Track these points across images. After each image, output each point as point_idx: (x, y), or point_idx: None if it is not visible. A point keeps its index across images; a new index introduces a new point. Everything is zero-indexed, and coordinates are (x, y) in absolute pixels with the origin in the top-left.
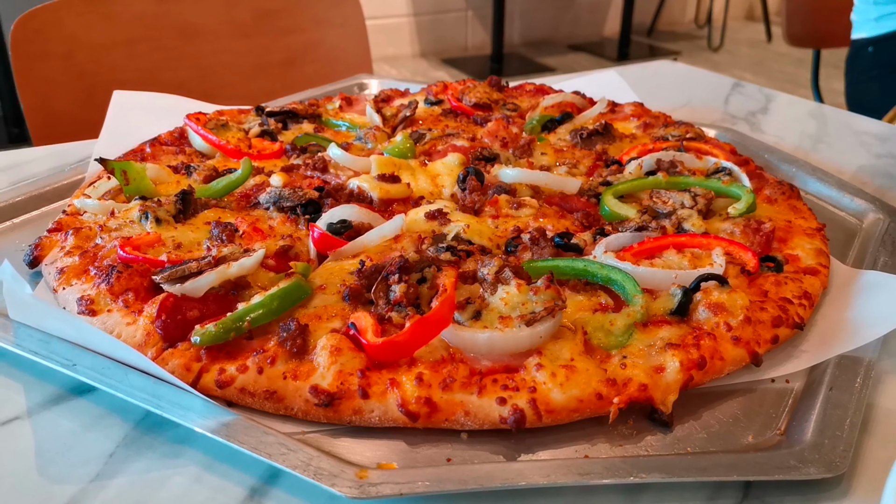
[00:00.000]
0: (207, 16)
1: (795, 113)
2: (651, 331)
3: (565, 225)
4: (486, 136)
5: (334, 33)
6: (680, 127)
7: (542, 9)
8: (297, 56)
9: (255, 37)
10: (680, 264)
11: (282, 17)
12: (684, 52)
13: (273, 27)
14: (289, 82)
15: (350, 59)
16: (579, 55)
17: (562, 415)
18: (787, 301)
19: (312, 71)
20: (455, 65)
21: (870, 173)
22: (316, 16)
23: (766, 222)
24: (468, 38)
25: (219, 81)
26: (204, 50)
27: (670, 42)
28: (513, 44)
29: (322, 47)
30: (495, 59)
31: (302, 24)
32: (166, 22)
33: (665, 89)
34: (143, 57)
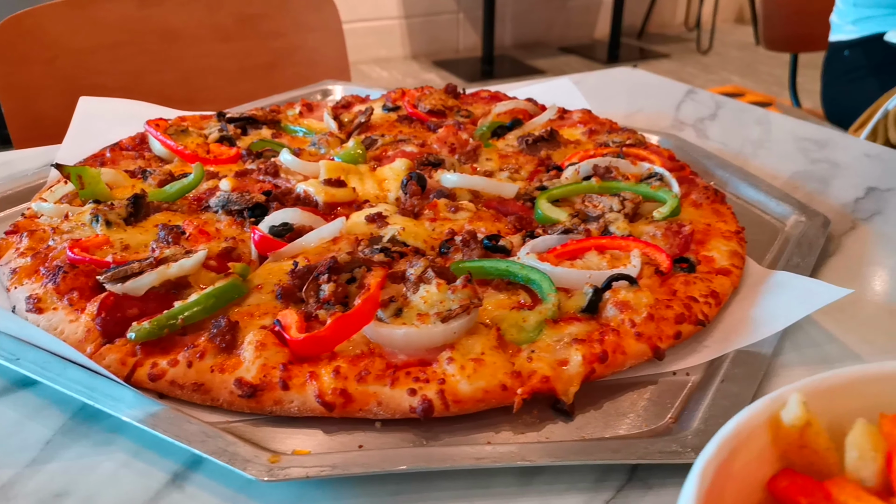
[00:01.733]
0: (190, 20)
1: (742, 119)
2: (561, 327)
3: (499, 228)
4: (436, 141)
5: (313, 37)
6: (623, 133)
7: (533, 11)
8: (278, 59)
9: (237, 41)
10: (599, 265)
11: (263, 22)
12: (674, 54)
13: (254, 31)
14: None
15: (328, 63)
16: (570, 57)
17: (468, 405)
18: (693, 300)
19: (292, 74)
20: (446, 67)
21: (803, 178)
22: (296, 20)
23: (687, 225)
24: (460, 41)
25: (201, 85)
26: (186, 54)
27: (660, 45)
28: (504, 46)
29: (302, 51)
30: (486, 60)
31: (282, 28)
32: (149, 26)
33: (622, 96)
34: (126, 61)
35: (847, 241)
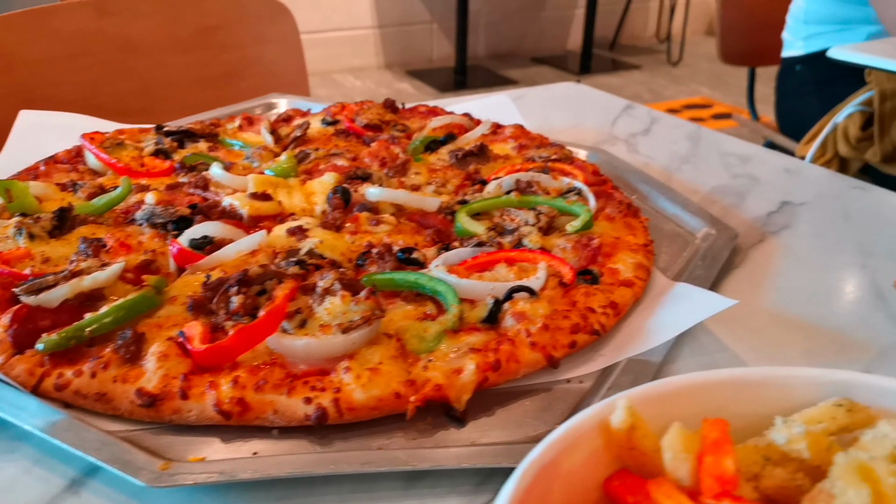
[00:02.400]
0: (147, 31)
1: (673, 135)
2: (461, 337)
3: (417, 240)
4: (368, 155)
5: (271, 49)
6: (550, 149)
7: (507, 22)
8: (236, 71)
9: (195, 52)
10: (507, 277)
11: (221, 33)
12: (645, 65)
13: (212, 42)
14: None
15: (287, 74)
16: (542, 68)
17: (362, 412)
18: (591, 310)
19: (250, 85)
20: (420, 76)
21: (722, 192)
22: (253, 32)
23: (595, 238)
24: (433, 50)
25: (159, 95)
26: (144, 64)
27: (632, 56)
28: (477, 56)
29: (260, 63)
30: (459, 71)
31: (240, 39)
32: (107, 37)
33: (563, 110)
34: (83, 72)
35: (754, 253)
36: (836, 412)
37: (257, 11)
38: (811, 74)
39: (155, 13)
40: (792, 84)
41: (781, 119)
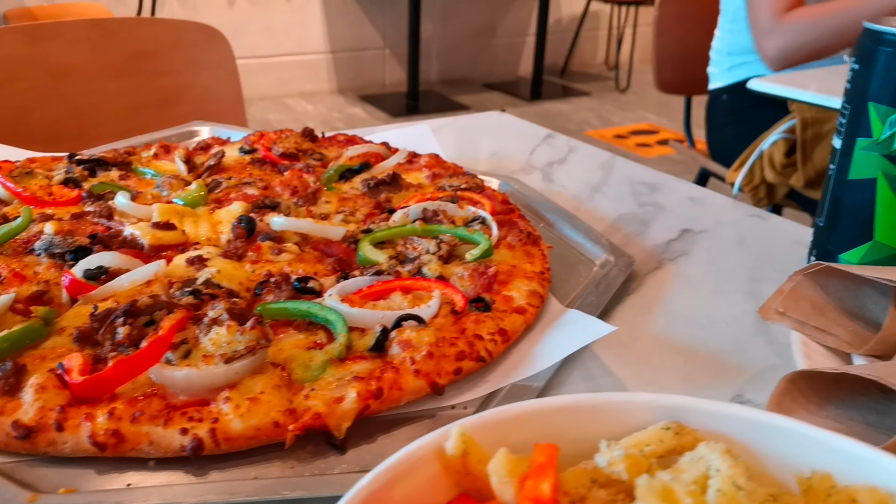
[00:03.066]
0: (79, 57)
1: (588, 164)
2: (347, 366)
3: (317, 269)
4: (280, 184)
5: (207, 75)
6: (463, 178)
7: (459, 49)
8: (171, 97)
9: (128, 78)
10: (401, 305)
11: (154, 59)
12: (594, 92)
13: (146, 68)
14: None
15: (222, 101)
16: (494, 94)
17: (239, 442)
18: (479, 338)
19: (185, 112)
20: (372, 101)
21: (627, 220)
22: (188, 58)
23: (492, 266)
24: (386, 76)
25: (91, 121)
26: (76, 90)
27: (581, 83)
28: (430, 81)
29: (195, 89)
30: (412, 96)
31: (175, 66)
32: (38, 63)
33: (485, 139)
34: (13, 98)
35: (649, 279)
36: (663, 435)
37: (192, 38)
38: (737, 104)
39: (86, 39)
40: (720, 114)
41: (713, 147)
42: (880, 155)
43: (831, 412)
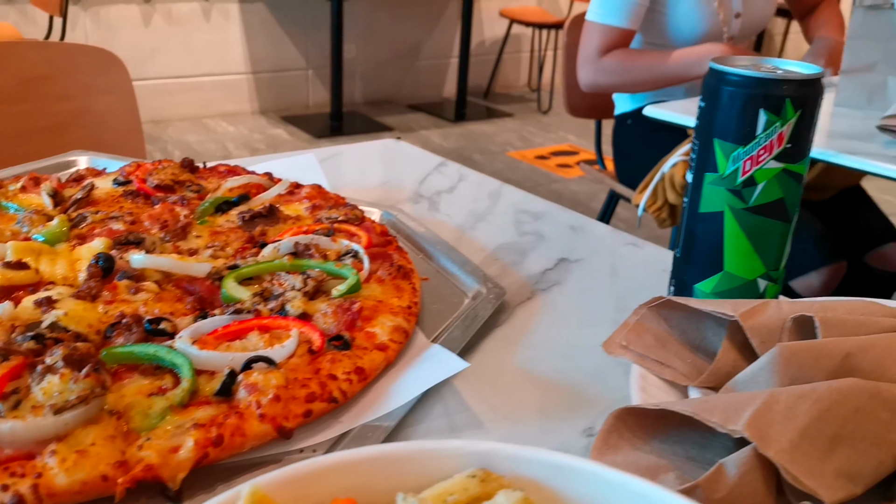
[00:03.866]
0: None
1: (477, 192)
2: (189, 412)
3: (176, 308)
4: (149, 218)
5: (103, 100)
6: (342, 209)
7: (383, 70)
8: (66, 122)
9: (21, 103)
10: (256, 345)
11: (48, 84)
12: (517, 113)
13: (38, 93)
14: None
15: (118, 126)
16: (419, 115)
17: (65, 497)
18: (333, 377)
19: (79, 137)
20: (295, 122)
21: (507, 250)
22: (83, 82)
23: (357, 302)
24: (310, 97)
25: None
26: None
27: (505, 104)
28: (354, 102)
29: (90, 114)
30: (335, 117)
31: (69, 90)
32: None
33: (379, 168)
34: None
35: (520, 311)
36: (468, 483)
37: (87, 62)
38: (641, 128)
39: None
40: (625, 138)
41: (620, 170)
42: (726, 189)
43: (656, 447)
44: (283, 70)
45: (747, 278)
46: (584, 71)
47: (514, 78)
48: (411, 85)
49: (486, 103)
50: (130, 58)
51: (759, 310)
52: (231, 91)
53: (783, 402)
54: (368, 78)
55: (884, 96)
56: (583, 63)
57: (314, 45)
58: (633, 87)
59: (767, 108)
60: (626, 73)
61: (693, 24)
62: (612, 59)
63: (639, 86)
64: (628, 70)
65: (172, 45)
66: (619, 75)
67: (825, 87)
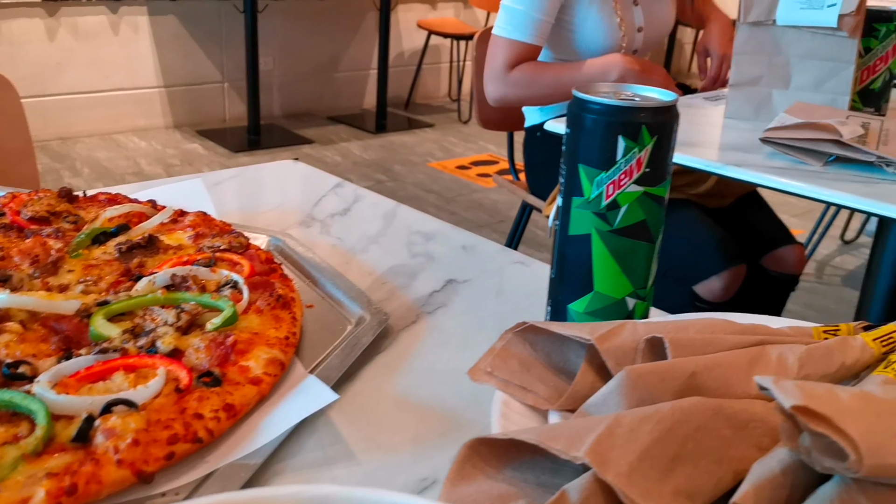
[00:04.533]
0: None
1: (371, 213)
2: (43, 460)
3: (41, 349)
4: (18, 254)
5: None
6: (225, 237)
7: (301, 82)
8: None
9: None
10: (121, 386)
11: None
12: (438, 124)
13: None
14: None
15: (9, 151)
16: (339, 127)
17: None
18: (199, 417)
19: None
20: (211, 136)
21: (396, 273)
22: None
23: (231, 336)
24: (226, 110)
25: None
26: None
27: (426, 115)
28: (273, 115)
29: None
30: (253, 130)
31: None
32: None
33: (271, 191)
34: None
35: (403, 335)
36: None
37: None
38: (549, 141)
39: None
40: (534, 150)
41: (531, 181)
42: (592, 212)
43: (508, 475)
44: (197, 83)
45: (616, 297)
46: (492, 85)
47: (435, 88)
48: (331, 97)
49: (406, 114)
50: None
51: (615, 332)
52: (143, 105)
53: (626, 425)
54: (287, 90)
55: (770, 108)
56: (490, 78)
57: (230, 57)
58: (541, 99)
59: (625, 135)
60: (533, 85)
61: (598, 40)
62: (518, 73)
63: (546, 98)
64: (535, 83)
65: (79, 59)
66: (526, 88)
67: (679, 114)
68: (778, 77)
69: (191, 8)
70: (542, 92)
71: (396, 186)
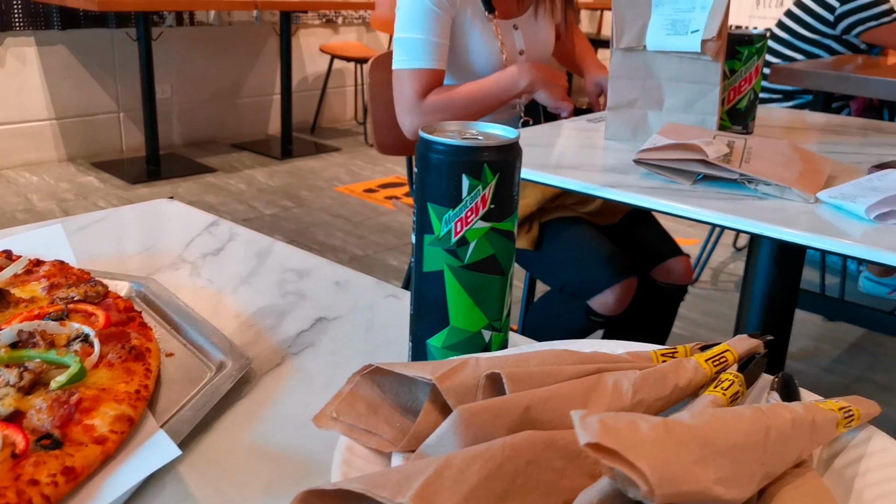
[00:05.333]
0: None
1: (244, 252)
2: None
3: None
4: None
5: None
6: (83, 286)
7: (202, 110)
8: None
9: None
10: None
11: None
12: (345, 147)
13: None
14: None
15: None
16: (243, 154)
17: None
18: (35, 483)
19: None
20: (108, 168)
21: (266, 314)
22: None
23: (75, 394)
24: (123, 141)
25: None
26: None
27: (332, 139)
28: (173, 144)
29: None
30: (152, 161)
31: None
32: None
33: (142, 232)
34: None
35: (266, 379)
36: None
37: None
38: None
39: None
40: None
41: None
42: (443, 249)
43: None
44: (91, 114)
45: (472, 330)
46: (408, 118)
47: (341, 112)
48: (234, 123)
49: (313, 139)
50: None
51: (457, 369)
52: (33, 139)
53: (456, 465)
54: (187, 118)
55: (646, 129)
56: (405, 111)
57: (125, 86)
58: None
59: (469, 174)
60: (449, 108)
61: (485, 62)
62: (432, 98)
63: (464, 119)
64: (451, 105)
65: None
66: (443, 112)
67: (522, 150)
68: (651, 99)
69: (81, 37)
70: (458, 113)
71: (303, 212)
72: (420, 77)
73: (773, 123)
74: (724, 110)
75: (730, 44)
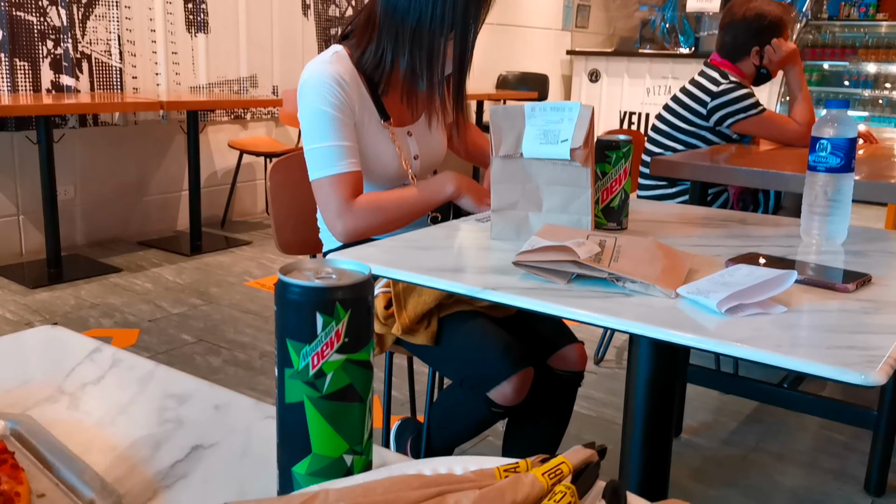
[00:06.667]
0: None
1: (127, 379)
2: None
3: None
4: None
5: None
6: None
7: (106, 209)
8: None
9: None
10: None
11: None
12: (255, 240)
13: None
14: None
15: None
16: (150, 251)
17: None
18: None
19: None
20: (6, 273)
21: (142, 445)
22: None
23: None
24: (23, 244)
25: None
26: None
27: (243, 232)
28: (76, 245)
29: None
30: (53, 263)
31: None
32: None
33: (18, 364)
34: None
35: None
36: None
37: None
38: None
39: None
40: None
41: None
42: (302, 381)
43: None
44: None
45: (334, 456)
46: (341, 222)
47: (252, 205)
48: (140, 221)
49: (223, 233)
50: None
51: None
52: None
53: None
54: (90, 218)
55: (528, 229)
56: (336, 216)
57: (25, 188)
58: (388, 224)
59: (322, 312)
60: (379, 211)
61: (385, 164)
62: (363, 200)
63: (392, 223)
64: (381, 208)
65: None
66: (373, 215)
67: (374, 286)
68: (531, 201)
69: None
70: (388, 217)
71: (212, 310)
72: (343, 181)
73: (647, 217)
74: (598, 209)
75: (599, 149)
